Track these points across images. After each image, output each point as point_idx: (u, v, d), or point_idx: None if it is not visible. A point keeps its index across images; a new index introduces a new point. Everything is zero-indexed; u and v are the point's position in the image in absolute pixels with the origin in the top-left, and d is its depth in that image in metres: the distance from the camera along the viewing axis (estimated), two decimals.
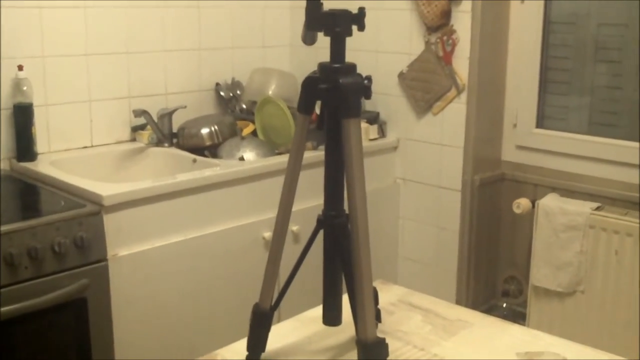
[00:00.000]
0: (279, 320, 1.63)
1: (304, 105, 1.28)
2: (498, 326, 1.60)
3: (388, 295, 1.71)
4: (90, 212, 2.03)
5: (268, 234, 2.51)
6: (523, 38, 2.83)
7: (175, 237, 2.28)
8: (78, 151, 2.64)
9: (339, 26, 1.24)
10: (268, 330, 1.38)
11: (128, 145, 2.77)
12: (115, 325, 2.12)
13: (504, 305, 3.01)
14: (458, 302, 2.92)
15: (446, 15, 2.72)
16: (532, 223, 2.78)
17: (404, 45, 2.90)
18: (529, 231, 2.88)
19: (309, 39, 1.35)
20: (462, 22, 2.72)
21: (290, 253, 2.52)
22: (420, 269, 3.03)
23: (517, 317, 2.89)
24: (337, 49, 1.26)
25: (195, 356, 2.31)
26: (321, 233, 1.36)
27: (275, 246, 1.35)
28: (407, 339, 1.50)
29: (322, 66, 1.26)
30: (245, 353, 1.39)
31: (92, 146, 2.69)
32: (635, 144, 2.62)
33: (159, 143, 2.77)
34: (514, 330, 1.59)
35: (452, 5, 2.71)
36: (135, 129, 2.80)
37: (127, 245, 2.16)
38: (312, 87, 1.26)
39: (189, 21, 2.93)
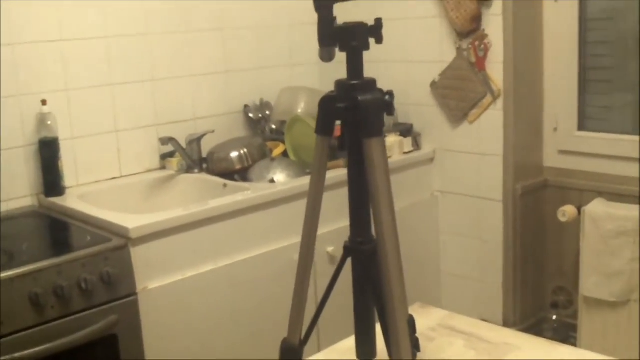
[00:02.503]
0: (318, 350, 1.55)
1: (322, 126, 1.20)
2: (547, 348, 1.50)
3: (427, 319, 1.61)
4: (116, 246, 1.97)
5: None
6: (559, 38, 2.71)
7: (206, 267, 2.21)
8: (107, 182, 2.60)
9: (355, 40, 1.16)
10: None
11: (158, 173, 2.72)
12: None
13: (554, 317, 2.87)
14: (505, 316, 2.79)
15: (476, 19, 2.62)
16: (579, 230, 2.66)
17: (434, 54, 2.81)
18: (576, 239, 2.74)
19: (326, 55, 1.27)
20: (494, 25, 2.61)
21: (328, 276, 2.42)
22: (465, 284, 2.91)
23: (569, 329, 2.76)
24: (355, 65, 1.18)
25: None
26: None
27: (301, 277, 1.27)
28: None
29: (339, 83, 1.19)
30: None
31: (121, 177, 2.65)
32: None
33: (188, 169, 2.72)
34: (563, 351, 1.48)
35: (482, 8, 2.61)
36: (164, 157, 2.75)
37: (156, 278, 2.10)
38: (330, 106, 1.18)
39: (214, 44, 2.88)
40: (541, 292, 2.91)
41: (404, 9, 2.84)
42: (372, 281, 1.23)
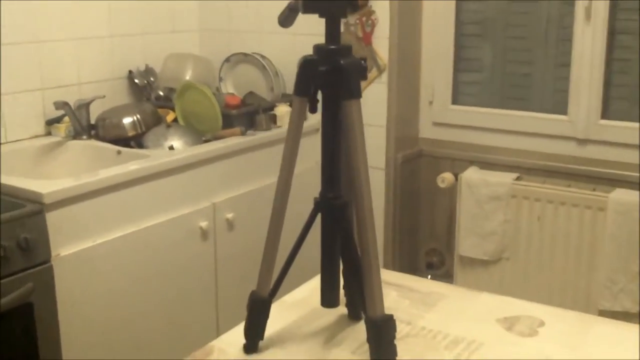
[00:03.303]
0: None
1: (302, 87, 1.27)
2: (470, 296, 1.67)
3: None
4: (32, 211, 1.91)
5: (205, 224, 2.47)
6: (436, 17, 2.92)
7: (115, 233, 2.19)
8: None
9: (335, 7, 1.24)
10: (267, 317, 1.36)
11: (44, 139, 2.62)
12: (62, 329, 2.02)
13: (429, 277, 3.11)
14: None
15: None
16: (451, 197, 2.90)
17: (321, 27, 2.90)
18: (448, 204, 3.00)
19: (289, 21, 1.34)
20: (381, 2, 2.76)
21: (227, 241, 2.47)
22: None
23: None
24: (333, 31, 1.26)
25: (146, 355, 2.26)
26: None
27: (273, 233, 1.33)
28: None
29: (319, 48, 1.26)
30: (240, 342, 1.37)
31: (6, 142, 2.53)
32: (545, 115, 2.79)
33: (76, 136, 2.64)
34: (485, 298, 1.66)
35: None
36: (51, 122, 2.66)
37: (68, 244, 2.05)
38: (310, 69, 1.25)
39: (99, 7, 2.80)
40: (416, 254, 3.14)
41: None
42: (342, 234, 1.32)
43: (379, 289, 1.26)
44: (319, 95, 1.29)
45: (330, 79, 1.24)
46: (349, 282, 1.42)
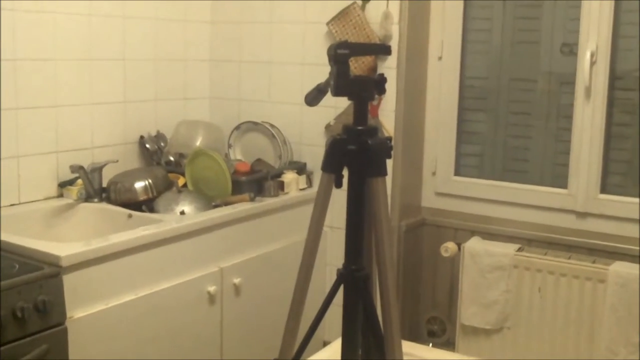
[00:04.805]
0: None
1: (330, 165, 1.34)
2: None
3: None
4: (50, 274, 1.95)
5: (212, 288, 2.51)
6: (441, 92, 3.02)
7: (127, 296, 2.22)
8: (6, 209, 2.51)
9: (364, 91, 1.31)
10: None
11: (56, 201, 2.67)
12: None
13: (430, 345, 3.13)
14: None
15: (373, 71, 2.86)
16: (452, 265, 2.95)
17: (330, 99, 2.98)
18: (449, 273, 3.04)
19: (317, 101, 1.42)
20: (388, 77, 2.84)
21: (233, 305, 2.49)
22: None
23: None
24: (361, 112, 1.33)
25: None
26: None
27: (297, 304, 1.38)
28: None
29: (348, 128, 1.33)
30: None
31: (19, 203, 2.58)
32: (545, 189, 2.86)
33: (88, 198, 2.70)
34: None
35: (378, 61, 2.86)
36: (64, 185, 2.71)
37: (82, 307, 2.08)
38: (339, 148, 1.32)
39: (115, 74, 2.90)
40: (416, 322, 3.18)
41: (302, 55, 3.04)
42: (365, 302, 1.37)
43: (400, 355, 1.31)
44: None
45: (358, 157, 1.31)
46: (367, 351, 1.46)
